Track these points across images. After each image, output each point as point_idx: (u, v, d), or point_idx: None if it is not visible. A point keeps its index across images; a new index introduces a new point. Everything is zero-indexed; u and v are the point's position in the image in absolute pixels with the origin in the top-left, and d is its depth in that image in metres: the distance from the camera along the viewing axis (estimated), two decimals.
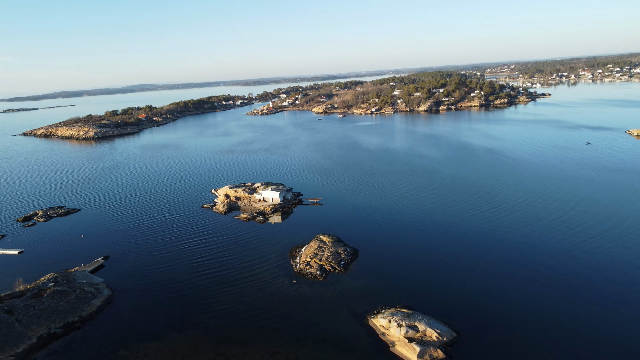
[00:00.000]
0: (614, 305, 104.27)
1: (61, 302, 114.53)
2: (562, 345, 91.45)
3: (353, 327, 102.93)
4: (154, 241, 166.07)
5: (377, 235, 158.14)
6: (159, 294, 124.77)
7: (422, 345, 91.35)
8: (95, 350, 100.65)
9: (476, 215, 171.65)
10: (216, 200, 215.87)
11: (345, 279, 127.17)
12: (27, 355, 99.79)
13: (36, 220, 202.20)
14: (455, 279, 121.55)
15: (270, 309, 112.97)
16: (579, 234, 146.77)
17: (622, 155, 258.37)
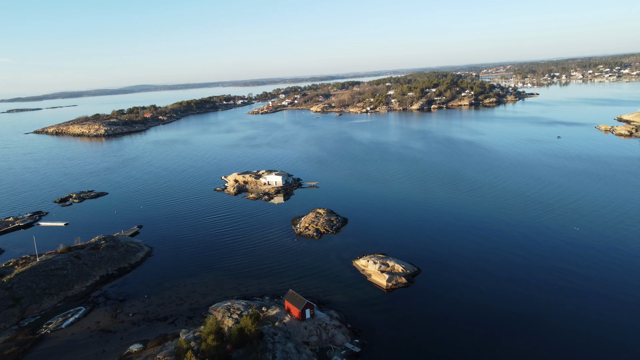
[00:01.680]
0: (536, 252, 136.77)
1: (114, 253, 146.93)
2: (496, 275, 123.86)
3: (341, 267, 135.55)
4: (178, 215, 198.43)
5: (364, 208, 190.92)
6: (188, 250, 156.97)
7: (390, 275, 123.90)
8: (145, 283, 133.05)
9: (445, 192, 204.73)
10: (226, 184, 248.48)
11: (336, 238, 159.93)
12: (95, 287, 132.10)
13: (72, 202, 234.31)
14: (422, 236, 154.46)
15: (277, 257, 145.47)
16: (527, 205, 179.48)
17: (585, 147, 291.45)
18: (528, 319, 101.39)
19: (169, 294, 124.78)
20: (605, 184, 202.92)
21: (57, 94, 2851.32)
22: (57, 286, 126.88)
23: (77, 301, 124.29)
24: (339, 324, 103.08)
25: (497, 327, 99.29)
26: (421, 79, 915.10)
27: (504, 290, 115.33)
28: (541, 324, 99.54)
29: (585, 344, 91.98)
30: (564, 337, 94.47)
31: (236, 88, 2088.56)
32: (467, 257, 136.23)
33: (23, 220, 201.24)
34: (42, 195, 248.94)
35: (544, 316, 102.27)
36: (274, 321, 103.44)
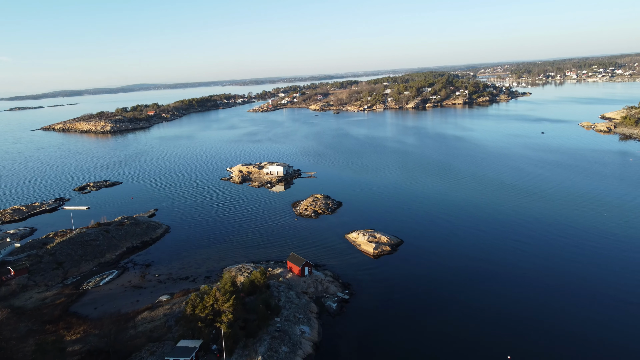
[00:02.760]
0: (500, 227, 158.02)
1: (137, 229, 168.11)
2: (464, 244, 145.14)
3: (335, 239, 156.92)
4: (189, 200, 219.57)
5: (357, 194, 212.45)
6: (201, 228, 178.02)
7: (377, 244, 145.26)
8: (166, 253, 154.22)
9: (430, 180, 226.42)
10: (232, 174, 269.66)
11: (331, 217, 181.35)
12: (123, 256, 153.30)
13: (89, 190, 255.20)
14: (406, 215, 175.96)
15: (280, 232, 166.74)
16: (503, 191, 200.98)
17: (565, 142, 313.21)
18: (487, 274, 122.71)
19: (187, 260, 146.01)
20: (576, 173, 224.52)
21: (57, 93, 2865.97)
22: (92, 254, 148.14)
23: (109, 266, 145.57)
24: (332, 280, 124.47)
25: (463, 282, 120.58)
26: (418, 79, 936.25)
27: (469, 255, 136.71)
28: (496, 277, 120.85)
29: (542, 295, 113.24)
30: (519, 283, 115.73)
31: (235, 87, 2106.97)
32: (443, 231, 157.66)
33: (49, 205, 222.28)
34: (61, 185, 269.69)
35: (499, 272, 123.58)
36: (278, 277, 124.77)
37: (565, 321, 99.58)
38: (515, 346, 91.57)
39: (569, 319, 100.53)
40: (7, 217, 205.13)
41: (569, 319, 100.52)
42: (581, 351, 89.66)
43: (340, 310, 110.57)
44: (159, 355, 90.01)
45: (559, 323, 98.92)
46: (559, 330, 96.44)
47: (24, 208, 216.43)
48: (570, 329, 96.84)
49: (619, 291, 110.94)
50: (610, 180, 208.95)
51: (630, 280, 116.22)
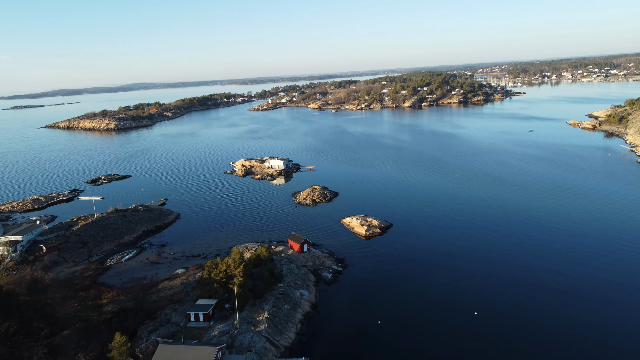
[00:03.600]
0: (480, 213, 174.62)
1: (151, 215, 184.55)
2: (446, 227, 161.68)
3: (331, 223, 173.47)
4: (196, 191, 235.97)
5: (352, 185, 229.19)
6: (209, 215, 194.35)
7: (369, 227, 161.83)
8: (179, 236, 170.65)
9: (419, 172, 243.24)
10: (235, 168, 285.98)
11: (328, 205, 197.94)
12: (140, 238, 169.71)
13: (101, 182, 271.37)
14: (396, 202, 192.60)
15: (281, 218, 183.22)
16: (487, 181, 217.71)
17: (551, 138, 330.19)
18: (463, 251, 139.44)
19: (198, 242, 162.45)
20: (556, 167, 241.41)
21: (56, 92, 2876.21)
22: (112, 235, 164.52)
23: (128, 246, 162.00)
24: (327, 255, 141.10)
25: (442, 258, 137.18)
26: (415, 78, 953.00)
27: (450, 236, 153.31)
28: (470, 254, 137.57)
29: (504, 265, 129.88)
30: (490, 258, 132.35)
31: (235, 86, 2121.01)
32: (429, 217, 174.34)
33: (65, 195, 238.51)
34: (74, 178, 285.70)
35: (473, 249, 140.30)
36: (280, 254, 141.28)
37: (523, 284, 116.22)
38: (481, 300, 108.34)
39: (525, 283, 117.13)
40: (27, 206, 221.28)
41: (525, 283, 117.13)
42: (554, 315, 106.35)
43: (334, 280, 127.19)
44: (181, 312, 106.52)
45: (520, 288, 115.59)
46: (518, 296, 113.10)
47: (43, 198, 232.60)
48: (529, 294, 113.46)
49: (573, 262, 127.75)
50: (587, 173, 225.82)
51: (580, 257, 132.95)
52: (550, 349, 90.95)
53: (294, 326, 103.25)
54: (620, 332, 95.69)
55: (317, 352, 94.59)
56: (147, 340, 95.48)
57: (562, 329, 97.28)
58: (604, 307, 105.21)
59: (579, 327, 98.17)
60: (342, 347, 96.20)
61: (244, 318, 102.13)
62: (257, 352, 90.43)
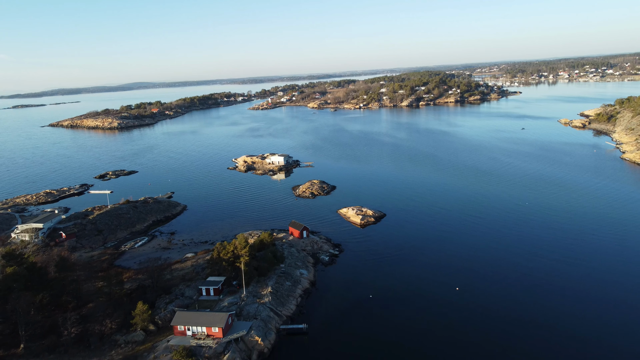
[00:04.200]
0: (470, 205, 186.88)
1: (160, 206, 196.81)
2: (436, 216, 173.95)
3: (328, 213, 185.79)
4: (201, 185, 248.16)
5: (349, 179, 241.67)
6: (214, 206, 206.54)
7: (363, 216, 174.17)
8: (186, 225, 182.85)
9: (412, 167, 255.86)
10: (237, 164, 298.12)
11: (326, 197, 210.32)
12: (150, 227, 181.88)
13: (109, 177, 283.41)
14: (390, 194, 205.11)
15: (282, 209, 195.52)
16: (476, 175, 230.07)
17: (541, 136, 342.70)
18: (451, 237, 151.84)
19: (205, 230, 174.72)
20: (542, 162, 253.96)
21: (56, 91, 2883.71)
22: (125, 224, 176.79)
23: (140, 234, 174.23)
24: (325, 241, 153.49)
25: (430, 243, 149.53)
26: (413, 78, 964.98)
27: (439, 223, 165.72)
28: (458, 239, 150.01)
29: (483, 247, 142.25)
30: (470, 243, 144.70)
31: (234, 86, 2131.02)
32: (419, 207, 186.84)
33: (76, 189, 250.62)
34: (83, 173, 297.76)
35: (460, 235, 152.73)
36: (282, 239, 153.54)
37: (501, 264, 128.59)
38: (463, 278, 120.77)
39: (502, 263, 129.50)
40: (41, 198, 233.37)
41: (503, 263, 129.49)
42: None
43: (331, 262, 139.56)
44: (193, 287, 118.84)
45: (497, 267, 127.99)
46: (496, 274, 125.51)
47: (55, 192, 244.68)
48: (506, 272, 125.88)
49: (548, 245, 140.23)
50: (571, 168, 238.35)
51: (554, 240, 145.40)
52: (520, 313, 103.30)
53: (294, 299, 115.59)
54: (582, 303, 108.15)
55: (315, 320, 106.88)
56: (164, 310, 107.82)
57: (531, 299, 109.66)
58: (572, 275, 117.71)
59: (544, 296, 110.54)
60: (337, 316, 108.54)
61: (250, 292, 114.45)
62: (262, 319, 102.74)
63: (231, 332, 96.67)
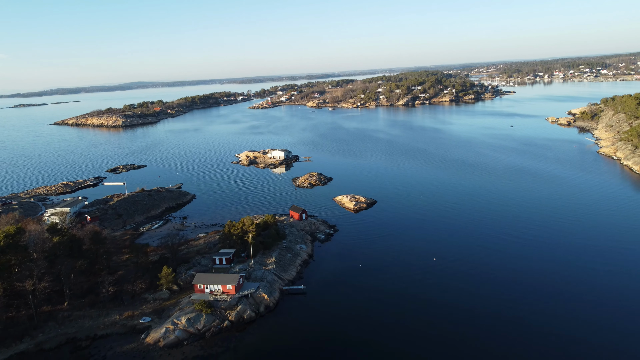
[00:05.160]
0: (454, 194, 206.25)
1: (172, 195, 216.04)
2: (424, 202, 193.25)
3: (325, 201, 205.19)
4: (207, 177, 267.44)
5: (344, 171, 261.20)
6: (221, 195, 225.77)
7: (356, 202, 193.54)
8: (197, 210, 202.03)
9: (403, 159, 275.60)
10: (240, 159, 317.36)
11: (323, 187, 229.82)
12: (164, 213, 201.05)
13: (120, 170, 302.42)
14: (380, 183, 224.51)
15: (282, 197, 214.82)
16: (462, 167, 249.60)
17: (528, 133, 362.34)
18: (434, 219, 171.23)
19: (214, 215, 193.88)
20: (524, 156, 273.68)
21: (56, 90, 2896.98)
22: (141, 210, 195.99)
23: (155, 218, 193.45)
24: (322, 223, 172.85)
25: (416, 224, 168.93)
26: (410, 78, 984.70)
27: (424, 208, 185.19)
28: (442, 222, 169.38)
29: (463, 230, 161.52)
30: (451, 226, 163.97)
31: (234, 85, 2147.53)
32: (408, 195, 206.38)
33: (91, 181, 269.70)
34: (95, 167, 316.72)
35: (442, 217, 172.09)
36: (283, 221, 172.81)
37: (475, 238, 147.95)
38: (440, 251, 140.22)
39: (477, 238, 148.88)
40: (60, 189, 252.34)
41: (477, 238, 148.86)
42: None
43: (327, 239, 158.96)
44: (208, 258, 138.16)
45: (473, 240, 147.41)
46: (469, 247, 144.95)
47: (72, 183, 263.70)
48: (480, 244, 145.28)
49: (521, 225, 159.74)
50: (550, 161, 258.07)
51: (526, 221, 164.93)
52: (485, 271, 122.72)
53: (295, 267, 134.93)
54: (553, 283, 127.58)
55: (312, 283, 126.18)
56: (185, 274, 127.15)
57: (495, 262, 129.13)
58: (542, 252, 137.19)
59: (502, 258, 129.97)
60: (331, 280, 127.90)
61: (256, 261, 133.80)
62: (267, 282, 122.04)
63: (242, 290, 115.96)
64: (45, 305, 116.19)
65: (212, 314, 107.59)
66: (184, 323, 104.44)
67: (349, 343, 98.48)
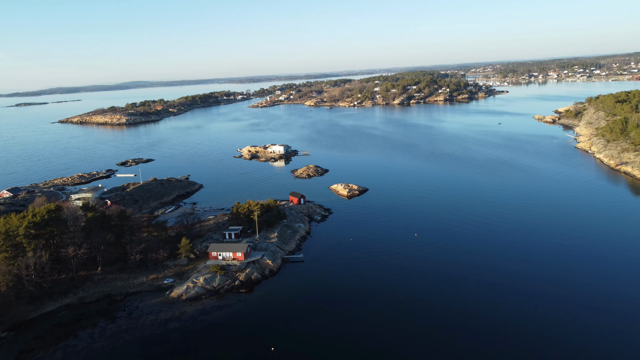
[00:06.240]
0: (444, 184, 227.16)
1: (181, 184, 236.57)
2: (412, 192, 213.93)
3: (321, 189, 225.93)
4: (212, 170, 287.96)
5: (340, 164, 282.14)
6: (226, 185, 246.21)
7: (350, 190, 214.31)
8: (205, 197, 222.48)
9: (393, 153, 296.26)
10: (242, 153, 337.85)
11: (320, 178, 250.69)
12: (175, 199, 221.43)
13: (130, 164, 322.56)
14: (372, 174, 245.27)
15: (282, 186, 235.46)
16: (449, 160, 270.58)
17: (514, 130, 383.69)
18: (419, 202, 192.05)
19: (221, 200, 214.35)
20: (506, 150, 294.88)
21: (55, 90, 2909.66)
22: (155, 196, 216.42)
23: (167, 204, 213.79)
24: (318, 206, 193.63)
25: (402, 207, 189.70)
26: (407, 77, 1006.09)
27: (410, 195, 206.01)
28: (423, 203, 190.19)
29: (446, 214, 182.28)
30: (436, 209, 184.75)
31: (232, 85, 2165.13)
32: (397, 183, 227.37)
33: (103, 173, 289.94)
34: (106, 161, 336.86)
35: (425, 201, 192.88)
36: (283, 205, 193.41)
37: (454, 218, 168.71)
38: (420, 227, 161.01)
39: (454, 217, 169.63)
40: (76, 180, 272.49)
41: (454, 218, 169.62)
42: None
43: (323, 220, 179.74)
44: (219, 233, 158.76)
45: (452, 219, 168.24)
46: (450, 225, 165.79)
47: (86, 175, 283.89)
48: (458, 223, 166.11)
49: (495, 210, 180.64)
50: (530, 154, 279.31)
51: (502, 207, 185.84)
52: (461, 256, 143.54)
53: (294, 241, 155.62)
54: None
55: (309, 253, 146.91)
56: (200, 245, 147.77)
57: (466, 239, 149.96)
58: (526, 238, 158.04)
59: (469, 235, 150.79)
60: (325, 251, 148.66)
61: (261, 236, 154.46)
62: (271, 251, 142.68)
63: (249, 257, 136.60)
64: (82, 270, 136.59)
65: (225, 275, 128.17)
66: (202, 282, 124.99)
67: (340, 299, 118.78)
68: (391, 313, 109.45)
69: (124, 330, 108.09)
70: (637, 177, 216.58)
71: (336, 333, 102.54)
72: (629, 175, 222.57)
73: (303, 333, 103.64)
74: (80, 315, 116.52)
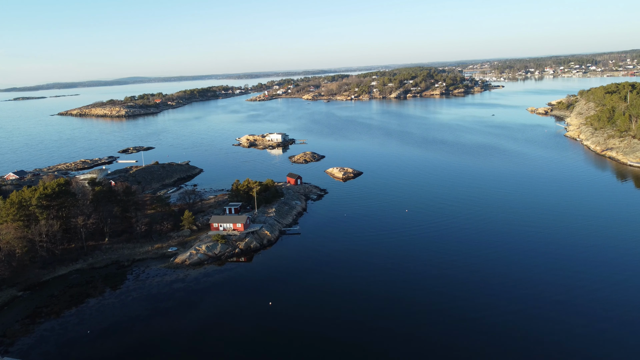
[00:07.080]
0: (434, 168, 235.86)
1: (182, 168, 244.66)
2: (403, 176, 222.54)
3: (318, 173, 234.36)
4: (212, 156, 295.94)
5: (335, 150, 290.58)
6: (225, 169, 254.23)
7: (345, 173, 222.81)
8: (206, 180, 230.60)
9: (388, 140, 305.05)
10: (240, 142, 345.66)
11: (316, 163, 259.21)
12: (176, 182, 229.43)
13: (131, 151, 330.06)
14: (366, 158, 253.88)
15: (281, 170, 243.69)
16: (442, 147, 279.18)
17: (506, 120, 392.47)
18: (409, 184, 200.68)
19: (220, 183, 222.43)
20: (497, 137, 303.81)
21: (52, 85, 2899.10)
22: (157, 179, 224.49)
23: (169, 186, 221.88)
24: (314, 187, 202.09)
25: (395, 187, 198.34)
26: (404, 72, 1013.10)
27: (401, 176, 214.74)
28: (414, 184, 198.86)
29: (434, 200, 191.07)
30: (427, 191, 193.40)
31: (230, 80, 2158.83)
32: (389, 167, 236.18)
33: (106, 160, 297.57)
34: (107, 149, 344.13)
35: (417, 182, 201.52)
36: (281, 185, 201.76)
37: (441, 195, 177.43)
38: (410, 204, 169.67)
39: (441, 196, 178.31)
40: (79, 165, 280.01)
41: (441, 196, 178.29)
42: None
43: (318, 198, 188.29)
44: (220, 209, 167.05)
45: (439, 196, 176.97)
46: (436, 203, 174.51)
47: (89, 161, 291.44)
48: (446, 202, 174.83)
49: (480, 192, 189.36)
50: (519, 142, 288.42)
51: (489, 189, 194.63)
52: (445, 221, 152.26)
53: (291, 216, 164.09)
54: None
55: (305, 227, 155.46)
56: (202, 219, 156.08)
57: (451, 211, 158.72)
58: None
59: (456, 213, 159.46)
60: (321, 225, 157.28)
61: (260, 211, 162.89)
62: (269, 224, 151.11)
63: (249, 228, 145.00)
64: (90, 240, 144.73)
65: (226, 244, 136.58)
66: (204, 249, 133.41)
67: (334, 267, 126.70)
68: (383, 275, 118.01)
69: (132, 289, 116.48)
70: (620, 161, 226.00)
71: (330, 289, 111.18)
72: (614, 159, 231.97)
73: (299, 291, 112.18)
74: (90, 278, 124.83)
